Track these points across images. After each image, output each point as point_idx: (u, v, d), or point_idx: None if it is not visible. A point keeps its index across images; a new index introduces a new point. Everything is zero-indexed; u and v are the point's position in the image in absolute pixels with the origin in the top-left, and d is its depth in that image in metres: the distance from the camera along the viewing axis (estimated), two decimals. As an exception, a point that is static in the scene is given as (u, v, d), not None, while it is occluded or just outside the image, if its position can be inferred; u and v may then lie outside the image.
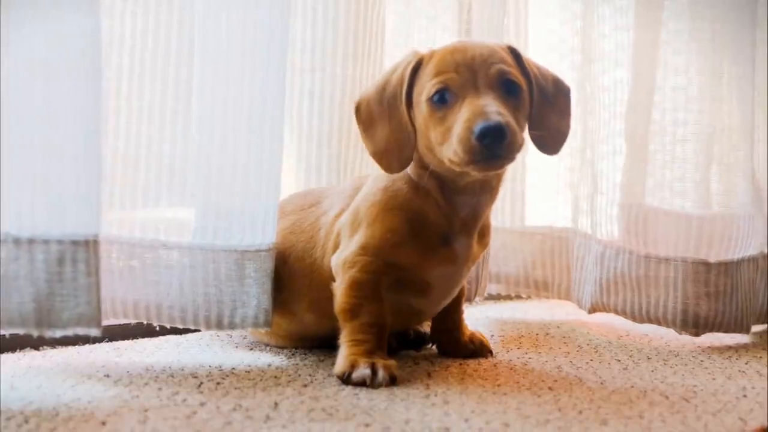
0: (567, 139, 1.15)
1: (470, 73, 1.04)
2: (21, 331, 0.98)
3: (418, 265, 1.10)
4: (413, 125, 1.08)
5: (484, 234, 1.18)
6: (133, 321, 1.16)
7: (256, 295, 1.14)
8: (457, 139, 1.01)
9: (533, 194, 1.65)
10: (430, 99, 1.05)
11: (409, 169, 1.12)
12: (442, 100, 1.04)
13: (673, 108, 1.44)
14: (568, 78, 1.55)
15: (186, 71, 1.16)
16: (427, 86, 1.06)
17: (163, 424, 0.87)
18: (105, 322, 1.24)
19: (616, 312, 1.44)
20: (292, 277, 1.18)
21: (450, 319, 1.24)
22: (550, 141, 1.13)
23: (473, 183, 1.10)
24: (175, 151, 1.16)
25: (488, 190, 1.12)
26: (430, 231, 1.10)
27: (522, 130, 1.06)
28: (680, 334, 1.41)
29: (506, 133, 0.99)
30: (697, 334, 1.39)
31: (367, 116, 1.12)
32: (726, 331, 1.40)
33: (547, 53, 1.62)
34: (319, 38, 1.35)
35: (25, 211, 0.97)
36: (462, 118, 1.01)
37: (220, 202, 1.14)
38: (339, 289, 1.11)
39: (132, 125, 1.16)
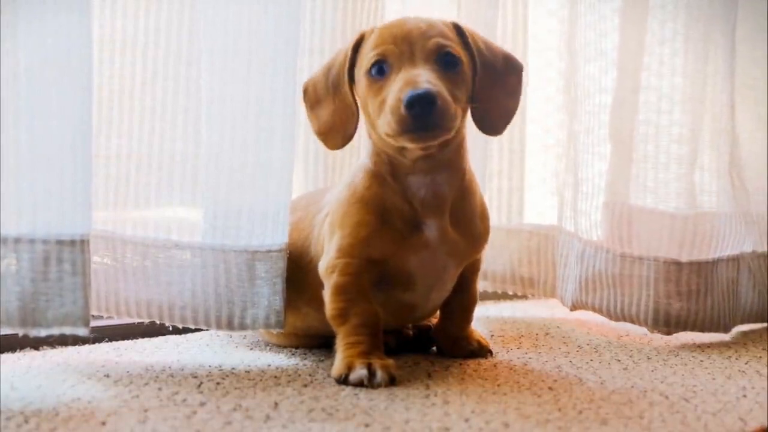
0: (512, 118, 1.15)
1: (407, 45, 1.05)
2: (6, 330, 0.99)
3: (394, 254, 1.10)
4: (356, 102, 1.10)
5: (467, 223, 1.14)
6: (146, 320, 1.17)
7: (267, 296, 1.14)
8: (389, 109, 1.02)
9: (526, 193, 1.65)
10: (368, 71, 1.06)
11: (367, 158, 1.12)
12: (380, 72, 1.06)
13: (656, 109, 1.44)
14: (565, 77, 1.56)
15: (196, 70, 1.17)
16: (365, 59, 1.07)
17: (163, 424, 0.87)
18: (107, 322, 1.26)
19: (594, 310, 1.45)
20: (295, 272, 1.17)
21: (454, 322, 1.23)
22: (495, 119, 1.13)
23: (422, 161, 1.09)
24: (187, 149, 1.17)
25: (443, 168, 1.11)
26: (395, 217, 1.10)
27: (460, 103, 1.06)
28: (652, 332, 1.41)
29: (435, 101, 0.99)
30: (668, 333, 1.39)
31: (313, 97, 1.14)
32: (701, 331, 1.40)
33: (544, 51, 1.63)
34: (307, 35, 1.35)
35: (12, 211, 0.97)
36: (394, 89, 1.02)
37: (230, 201, 1.15)
38: (326, 295, 1.11)
39: (145, 124, 1.16)
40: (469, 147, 1.16)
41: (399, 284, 1.13)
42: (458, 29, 1.11)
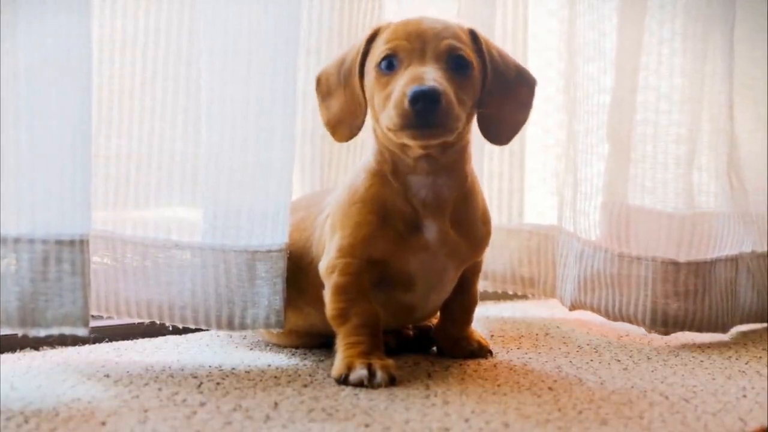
0: (519, 130, 1.15)
1: (420, 42, 1.06)
2: (6, 330, 0.98)
3: (394, 255, 1.10)
4: (365, 95, 1.10)
5: (468, 226, 1.14)
6: (146, 320, 1.17)
7: (267, 295, 1.15)
8: (393, 103, 1.02)
9: (526, 193, 1.65)
10: (378, 65, 1.07)
11: (371, 156, 1.13)
12: (390, 66, 1.06)
13: (654, 109, 1.44)
14: (565, 77, 1.57)
15: (196, 70, 1.17)
16: (376, 53, 1.08)
17: (163, 424, 0.87)
18: (107, 322, 1.26)
19: (593, 310, 1.45)
20: (296, 272, 1.18)
21: (455, 323, 1.22)
22: (501, 129, 1.14)
23: (424, 161, 1.09)
24: (187, 149, 1.17)
25: (445, 170, 1.11)
26: (396, 218, 1.10)
27: (466, 107, 1.07)
28: (649, 332, 1.41)
29: (439, 99, 1.00)
30: (666, 333, 1.40)
31: (325, 88, 1.15)
32: (699, 331, 1.40)
33: (544, 51, 1.63)
34: (304, 35, 1.35)
35: (12, 211, 0.97)
36: (400, 83, 1.03)
37: (230, 201, 1.15)
38: (326, 296, 1.11)
39: (145, 124, 1.17)
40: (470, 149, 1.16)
41: (399, 285, 1.13)
42: (473, 35, 1.11)
